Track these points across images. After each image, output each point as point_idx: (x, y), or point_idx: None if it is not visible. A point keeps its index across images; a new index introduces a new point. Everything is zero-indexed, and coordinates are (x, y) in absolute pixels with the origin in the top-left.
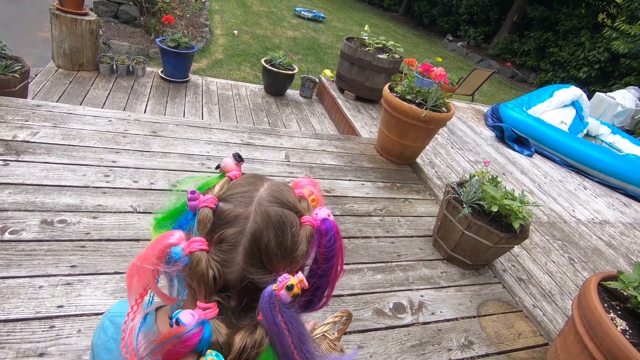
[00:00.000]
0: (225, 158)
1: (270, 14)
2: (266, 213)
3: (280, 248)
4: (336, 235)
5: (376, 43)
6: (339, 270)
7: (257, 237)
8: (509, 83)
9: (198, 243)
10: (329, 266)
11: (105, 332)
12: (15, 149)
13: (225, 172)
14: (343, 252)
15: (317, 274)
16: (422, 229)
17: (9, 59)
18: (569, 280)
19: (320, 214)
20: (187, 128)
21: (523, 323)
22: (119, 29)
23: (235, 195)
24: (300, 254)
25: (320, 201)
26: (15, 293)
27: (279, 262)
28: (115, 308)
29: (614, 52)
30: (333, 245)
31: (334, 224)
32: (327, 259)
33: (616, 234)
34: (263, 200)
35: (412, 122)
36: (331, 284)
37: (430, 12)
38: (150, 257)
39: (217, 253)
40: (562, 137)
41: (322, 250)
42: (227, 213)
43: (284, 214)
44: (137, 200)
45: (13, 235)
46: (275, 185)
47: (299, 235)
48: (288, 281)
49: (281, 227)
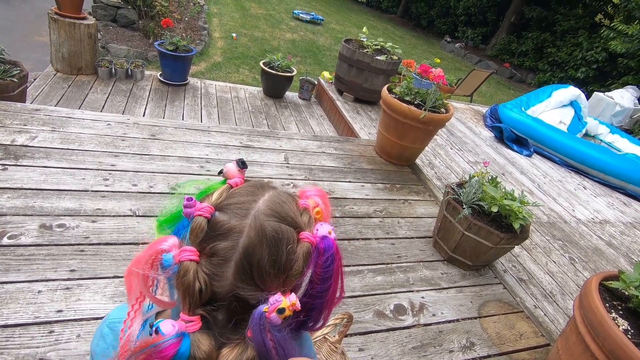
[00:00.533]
0: (228, 163)
1: (268, 17)
2: (261, 228)
3: (273, 266)
4: (335, 255)
5: (374, 45)
6: (337, 293)
7: (249, 253)
8: (507, 83)
9: (188, 253)
10: (325, 287)
11: (104, 340)
12: (14, 153)
13: (227, 178)
14: (342, 274)
15: (312, 294)
16: (422, 230)
17: (7, 63)
18: (569, 280)
19: (320, 230)
20: (186, 131)
21: (524, 324)
22: (117, 32)
23: (232, 206)
24: (295, 272)
25: (325, 214)
26: (14, 298)
27: (271, 280)
28: (114, 314)
29: (611, 52)
30: (330, 266)
31: (333, 242)
32: (323, 280)
33: (616, 233)
34: (260, 214)
35: (411, 123)
36: (327, 307)
37: (428, 13)
38: (142, 261)
39: (207, 266)
40: (561, 137)
41: (318, 270)
42: (221, 225)
43: (281, 230)
44: (136, 203)
45: (12, 240)
46: (276, 197)
47: (295, 253)
48: (280, 304)
49: (276, 244)
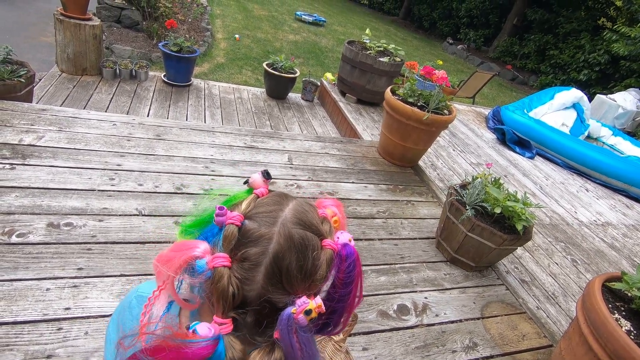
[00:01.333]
0: (254, 174)
1: (271, 18)
2: (289, 235)
3: (300, 271)
4: (356, 261)
5: (377, 46)
6: (357, 297)
7: (279, 259)
8: (509, 85)
9: (222, 259)
10: (347, 292)
11: (130, 311)
12: (22, 153)
13: (253, 189)
14: (362, 278)
15: (334, 298)
16: (425, 231)
17: (15, 63)
18: (572, 282)
19: (341, 238)
20: (190, 131)
21: (527, 325)
22: (121, 33)
23: (260, 214)
24: (319, 277)
25: (342, 223)
26: (23, 295)
27: (298, 284)
28: (144, 287)
29: (614, 54)
30: (352, 272)
31: (354, 250)
32: (345, 285)
33: (619, 235)
34: (287, 222)
35: (414, 124)
36: (348, 309)
37: (430, 15)
38: (174, 263)
39: (238, 270)
40: (563, 139)
41: (341, 276)
42: (251, 232)
43: (307, 237)
44: (142, 203)
45: (20, 238)
46: (300, 206)
47: (319, 259)
48: (307, 306)
49: (303, 250)
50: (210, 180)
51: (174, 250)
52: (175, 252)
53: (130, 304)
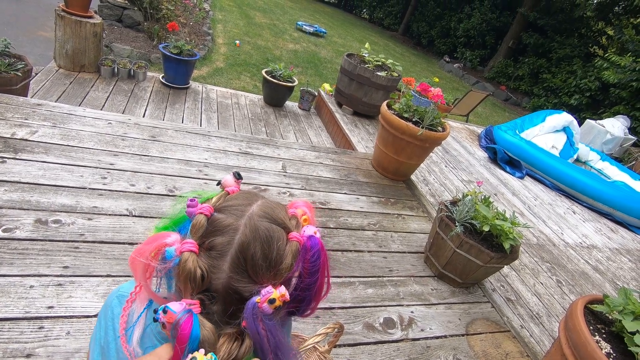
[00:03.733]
0: (226, 175)
1: (272, 26)
2: (255, 227)
3: (265, 260)
4: (320, 251)
5: (376, 61)
6: (324, 285)
7: (244, 248)
8: (502, 106)
9: (189, 244)
10: (312, 280)
11: (112, 310)
12: (13, 147)
13: (224, 188)
14: (328, 268)
15: (301, 287)
16: (414, 245)
17: (12, 57)
18: (556, 302)
19: (307, 231)
20: (186, 134)
21: (510, 343)
22: (122, 32)
23: (229, 208)
24: (284, 267)
25: (312, 222)
26: (6, 292)
27: (263, 273)
28: (125, 287)
29: (604, 81)
30: (317, 261)
31: (319, 240)
32: (311, 274)
33: (603, 258)
34: (254, 215)
35: (409, 139)
36: (315, 298)
37: (429, 33)
38: (145, 253)
39: (205, 259)
40: (553, 161)
41: (306, 265)
42: (219, 222)
43: (272, 229)
44: (133, 203)
45: (6, 233)
46: (268, 203)
47: (284, 250)
48: (270, 295)
49: (268, 241)
50: (203, 184)
51: (146, 242)
52: (147, 244)
53: (111, 303)
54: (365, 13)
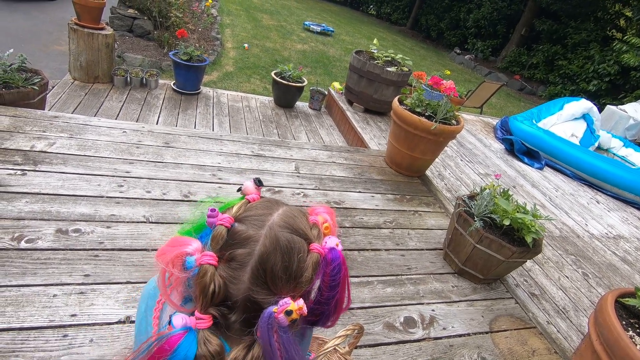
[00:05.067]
0: (246, 182)
1: (279, 28)
2: (276, 237)
3: (285, 272)
4: (341, 265)
5: (385, 56)
6: (344, 301)
7: (264, 260)
8: (517, 95)
9: (208, 257)
10: (332, 294)
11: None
12: (33, 159)
13: (245, 195)
14: (348, 282)
15: (320, 301)
16: (433, 242)
17: (29, 71)
18: (583, 296)
19: (329, 242)
20: (198, 139)
21: (537, 340)
22: (133, 42)
23: (249, 218)
24: (305, 279)
25: (333, 230)
26: (30, 301)
27: (283, 285)
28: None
29: (624, 65)
30: (337, 275)
31: (340, 254)
32: (331, 288)
33: (631, 249)
34: (275, 225)
35: (422, 134)
36: (335, 312)
37: (438, 25)
38: (167, 257)
39: (226, 269)
40: (573, 150)
41: (326, 279)
42: (239, 233)
43: (293, 240)
44: (149, 210)
45: (29, 244)
46: (289, 211)
47: (305, 262)
48: (288, 307)
49: (288, 252)
50: (217, 188)
51: (169, 245)
52: (170, 247)
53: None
54: (372, 9)
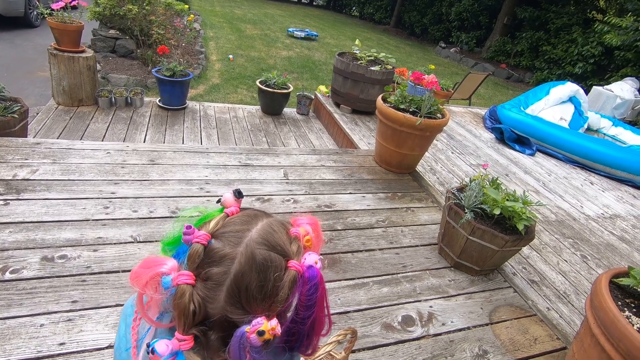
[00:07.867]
0: (226, 193)
1: (263, 37)
2: (252, 255)
3: (260, 291)
4: (318, 284)
5: (368, 56)
6: (324, 322)
7: (239, 279)
8: (505, 84)
9: (185, 277)
10: (308, 314)
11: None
12: (16, 188)
13: (225, 207)
14: (327, 303)
15: (296, 320)
16: (427, 238)
17: (8, 100)
18: (583, 278)
19: (308, 260)
20: (184, 154)
21: (538, 327)
22: (117, 62)
23: (226, 234)
24: (280, 299)
25: (316, 243)
26: (17, 333)
27: (257, 304)
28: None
29: (607, 45)
30: (313, 294)
31: (318, 272)
32: (307, 307)
33: (628, 227)
34: (252, 242)
35: (408, 130)
36: (313, 333)
37: (421, 21)
38: (142, 279)
39: (202, 289)
40: (563, 134)
41: (302, 298)
42: (215, 251)
43: (270, 258)
44: (137, 229)
45: (14, 275)
46: (269, 226)
47: (281, 280)
48: (260, 327)
49: (264, 271)
50: (205, 201)
51: (142, 266)
52: (143, 269)
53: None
54: (355, 11)
